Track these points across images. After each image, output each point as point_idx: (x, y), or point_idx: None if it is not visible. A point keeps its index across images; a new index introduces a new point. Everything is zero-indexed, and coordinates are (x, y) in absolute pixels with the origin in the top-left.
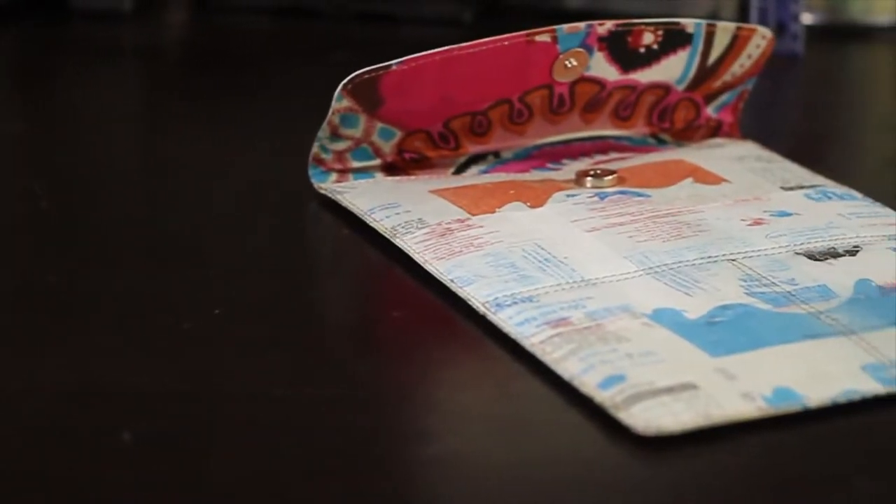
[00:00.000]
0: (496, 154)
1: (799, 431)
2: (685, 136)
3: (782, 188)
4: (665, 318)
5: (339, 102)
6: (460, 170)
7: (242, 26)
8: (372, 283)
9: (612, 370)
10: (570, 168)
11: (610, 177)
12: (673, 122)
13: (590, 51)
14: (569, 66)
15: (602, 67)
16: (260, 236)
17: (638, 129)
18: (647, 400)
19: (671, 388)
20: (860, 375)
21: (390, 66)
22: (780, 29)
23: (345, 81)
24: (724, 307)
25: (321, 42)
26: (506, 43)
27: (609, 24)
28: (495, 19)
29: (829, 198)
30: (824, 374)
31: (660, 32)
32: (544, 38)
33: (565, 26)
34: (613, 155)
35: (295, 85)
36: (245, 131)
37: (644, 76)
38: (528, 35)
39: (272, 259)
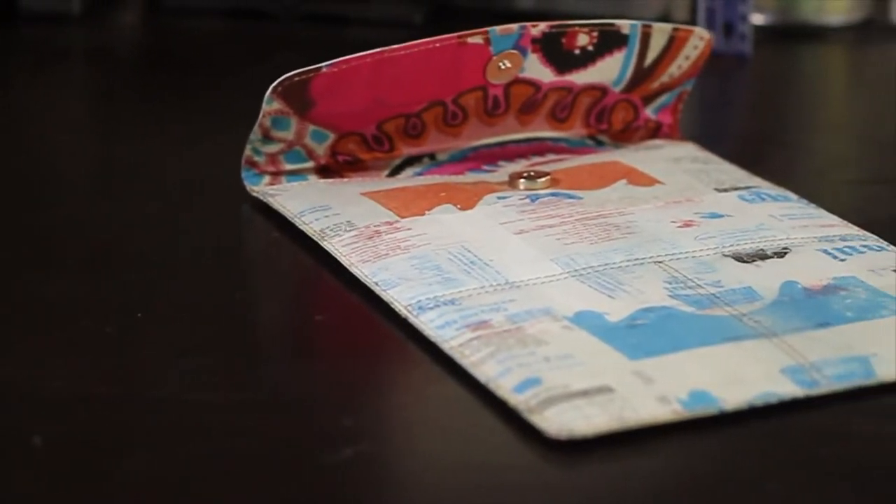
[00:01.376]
0: (432, 156)
1: (715, 434)
2: (624, 137)
3: (716, 190)
4: (586, 320)
5: (270, 105)
6: (395, 172)
7: (193, 28)
8: (298, 287)
9: (528, 373)
10: (506, 170)
11: (543, 179)
12: (611, 123)
13: (524, 52)
14: (502, 67)
15: (537, 69)
16: (191, 239)
17: (575, 131)
18: (561, 403)
19: (586, 391)
20: (779, 378)
21: (320, 68)
22: (728, 30)
23: (274, 84)
24: (647, 310)
25: (271, 43)
26: (437, 45)
27: (542, 26)
28: (446, 21)
29: (763, 199)
30: (742, 376)
31: (595, 34)
32: (476, 39)
33: (498, 28)
34: (550, 157)
35: (243, 86)
36: (190, 133)
37: (580, 78)
38: (459, 37)
39: (201, 262)
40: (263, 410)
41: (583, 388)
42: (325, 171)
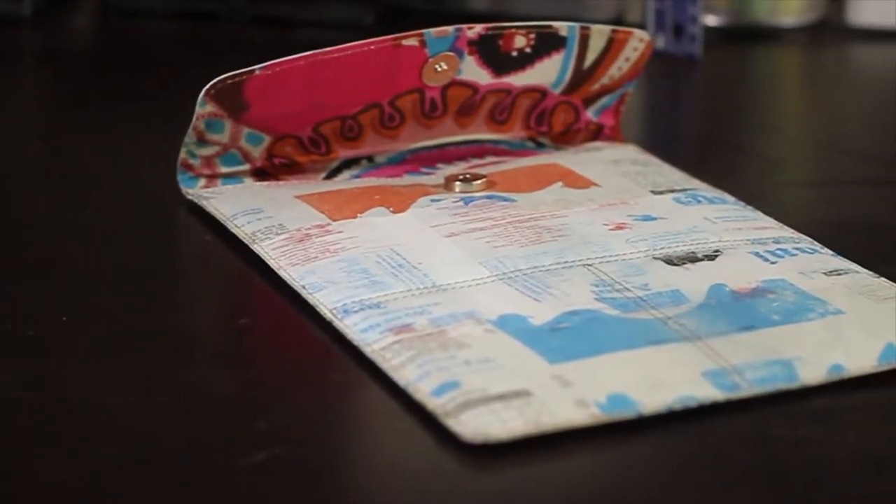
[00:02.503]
0: (370, 158)
1: (633, 439)
2: (565, 139)
3: (652, 192)
4: (509, 324)
5: (203, 108)
6: (332, 174)
7: (144, 30)
8: (226, 290)
9: (447, 377)
10: (444, 172)
11: (479, 181)
12: (551, 125)
13: (460, 55)
14: (439, 70)
15: (474, 71)
16: (124, 242)
17: (515, 133)
18: (477, 407)
19: (504, 395)
20: (699, 382)
21: (253, 70)
22: (678, 31)
23: (207, 87)
24: (572, 313)
25: (220, 46)
26: (372, 47)
27: (478, 28)
28: (397, 22)
29: (699, 201)
30: (663, 380)
31: (532, 36)
32: (412, 42)
33: (433, 30)
34: (490, 159)
35: (190, 88)
36: (135, 135)
37: (518, 80)
38: (394, 39)
39: (131, 265)
40: (179, 414)
41: (500, 392)
42: (261, 174)
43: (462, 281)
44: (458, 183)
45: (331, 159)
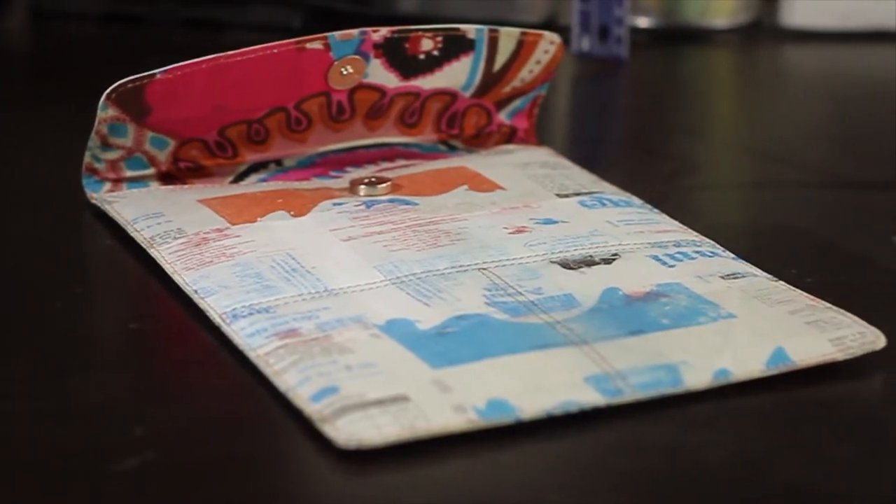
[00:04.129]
0: (279, 162)
1: (511, 444)
2: (477, 142)
3: (557, 195)
4: (396, 329)
5: (105, 112)
6: (239, 178)
7: (74, 33)
8: (121, 294)
9: (326, 382)
10: (353, 176)
11: (384, 185)
12: (463, 128)
13: (366, 58)
14: (345, 73)
15: (381, 74)
16: (26, 246)
17: (426, 136)
18: (354, 413)
19: (382, 400)
20: (582, 387)
21: (154, 74)
22: (604, 33)
23: (108, 90)
24: (460, 317)
25: (148, 49)
26: (275, 51)
27: (384, 31)
28: (324, 25)
29: (604, 204)
30: (544, 385)
31: (439, 39)
32: (316, 45)
33: (337, 33)
34: (400, 162)
35: None
36: (54, 138)
37: (427, 83)
38: (298, 42)
39: (29, 269)
40: (57, 419)
41: (378, 398)
42: (167, 178)
43: (354, 285)
44: (363, 186)
45: (238, 163)
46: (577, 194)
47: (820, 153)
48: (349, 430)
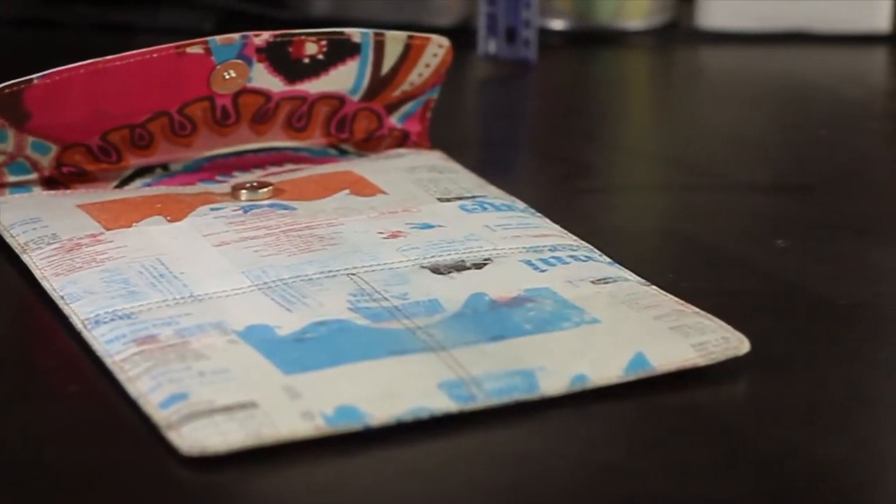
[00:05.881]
0: (165, 167)
1: (360, 451)
2: (368, 146)
3: (439, 199)
4: (254, 335)
5: None
6: (124, 183)
7: None
8: None
9: (177, 389)
10: (238, 181)
11: (265, 189)
12: (353, 132)
13: (249, 62)
14: (227, 77)
15: (265, 79)
16: None
17: (315, 140)
18: (200, 419)
19: (230, 407)
20: (435, 393)
21: (31, 79)
22: (511, 36)
23: None
24: (320, 323)
25: (61, 52)
26: (155, 55)
27: (266, 35)
28: (236, 28)
29: (485, 209)
30: (397, 391)
31: (323, 43)
32: (197, 49)
33: (218, 38)
34: (288, 166)
35: None
36: None
37: (313, 87)
38: (178, 47)
39: None
40: None
41: (226, 404)
42: (51, 183)
43: (221, 291)
44: (244, 191)
45: (122, 168)
46: (460, 198)
47: (719, 156)
48: (193, 437)
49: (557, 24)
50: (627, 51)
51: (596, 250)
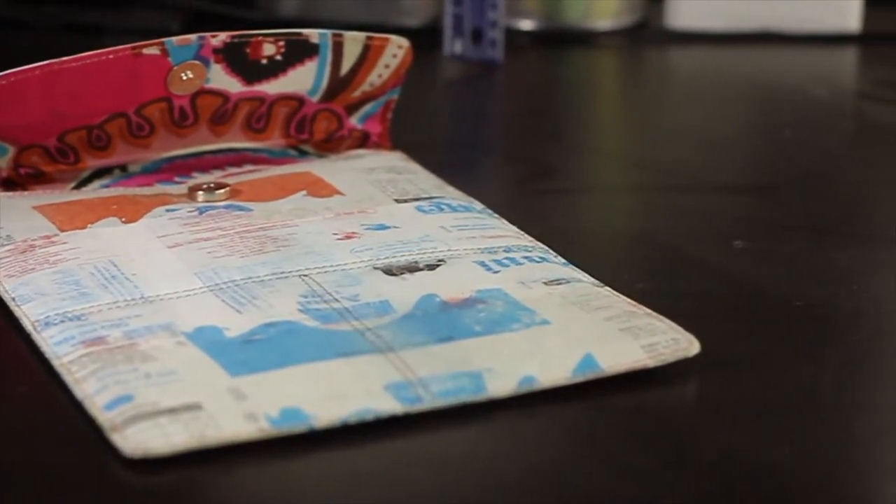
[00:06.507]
0: (123, 168)
1: (305, 454)
2: (328, 147)
3: (396, 200)
4: (202, 336)
5: None
6: (82, 184)
7: None
8: None
9: (122, 391)
10: (197, 182)
11: (222, 190)
12: (313, 133)
13: (206, 63)
14: (184, 78)
15: (223, 80)
16: None
17: (274, 141)
18: (144, 421)
19: (174, 408)
20: (381, 394)
21: None
22: (477, 36)
23: None
24: (269, 325)
25: (28, 54)
26: (111, 56)
27: (223, 36)
28: (204, 29)
29: (441, 210)
30: (343, 393)
31: (281, 43)
32: (153, 50)
33: (175, 39)
34: (248, 167)
35: None
36: None
37: (272, 88)
38: (134, 48)
39: None
40: None
41: (171, 406)
42: (9, 185)
43: (172, 292)
44: (201, 192)
45: (80, 169)
46: (417, 199)
47: (684, 157)
48: (137, 439)
49: (526, 25)
50: (596, 51)
51: (551, 251)
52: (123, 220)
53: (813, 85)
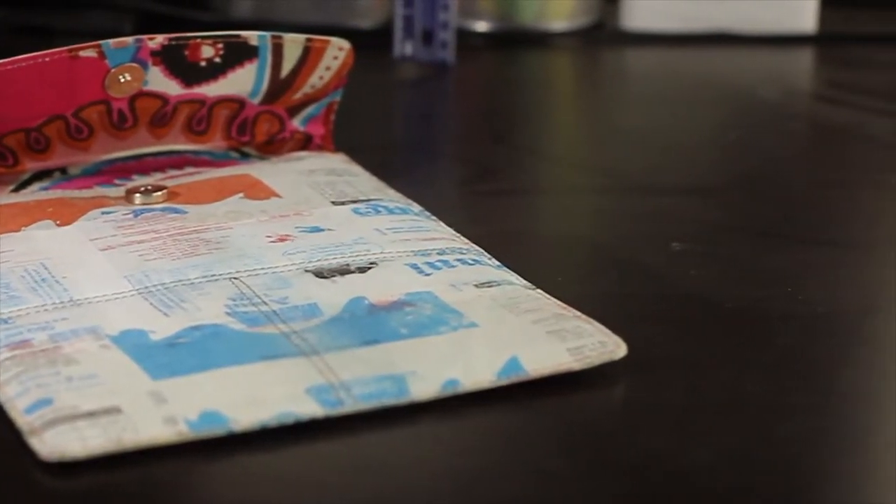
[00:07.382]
0: (63, 170)
1: (224, 457)
2: (270, 149)
3: (333, 203)
4: (127, 340)
5: None
6: (22, 187)
7: None
8: None
9: (43, 394)
10: (137, 184)
11: (159, 193)
12: (254, 135)
13: (144, 65)
14: (122, 80)
15: (161, 82)
16: None
17: (216, 144)
18: (63, 425)
19: (94, 412)
20: (302, 398)
21: None
22: (428, 37)
23: None
24: (194, 328)
25: None
26: (47, 59)
27: (160, 38)
28: (157, 31)
29: (378, 212)
30: (264, 396)
31: (220, 46)
32: (89, 53)
33: (112, 41)
34: (189, 170)
35: None
36: None
37: (211, 90)
38: (71, 50)
39: None
40: None
41: (90, 410)
42: None
43: (101, 295)
44: (138, 195)
45: (19, 172)
46: (354, 202)
47: (629, 159)
48: (54, 443)
49: (480, 26)
50: (550, 52)
51: (486, 254)
52: (58, 222)
53: (763, 86)
